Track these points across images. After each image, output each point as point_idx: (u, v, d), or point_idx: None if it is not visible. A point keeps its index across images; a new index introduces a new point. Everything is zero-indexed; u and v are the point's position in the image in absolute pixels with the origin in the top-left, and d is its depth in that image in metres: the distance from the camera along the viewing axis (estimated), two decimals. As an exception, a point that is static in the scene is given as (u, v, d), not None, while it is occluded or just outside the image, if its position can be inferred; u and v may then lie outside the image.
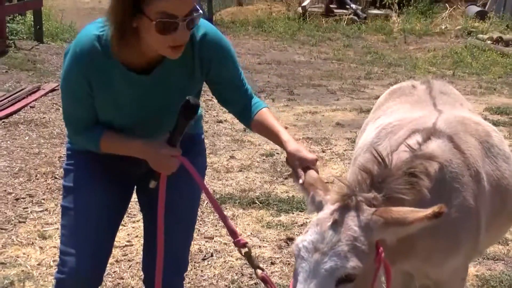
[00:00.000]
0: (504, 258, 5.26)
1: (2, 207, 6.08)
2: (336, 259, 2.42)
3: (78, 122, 2.98)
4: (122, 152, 2.98)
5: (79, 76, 2.84)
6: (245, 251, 2.94)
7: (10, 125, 8.73)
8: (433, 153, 2.87)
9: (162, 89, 2.91)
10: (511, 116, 9.74)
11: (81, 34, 2.86)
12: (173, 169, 2.93)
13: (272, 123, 2.97)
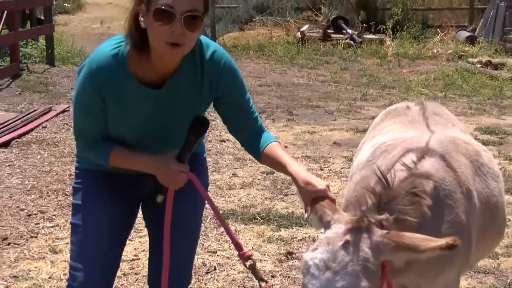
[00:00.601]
0: (495, 271, 5.24)
1: (15, 222, 6.08)
2: (349, 278, 2.41)
3: (89, 137, 2.96)
4: (131, 166, 2.97)
5: (93, 92, 2.84)
6: (250, 263, 2.93)
7: (23, 145, 8.74)
8: (429, 171, 2.87)
9: (172, 104, 2.91)
10: (500, 136, 9.74)
11: (97, 51, 2.87)
12: (181, 184, 2.93)
13: (281, 155, 2.91)
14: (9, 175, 7.50)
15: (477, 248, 3.13)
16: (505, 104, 12.42)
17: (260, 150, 2.99)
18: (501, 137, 9.69)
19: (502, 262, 5.41)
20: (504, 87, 13.92)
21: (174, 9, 2.63)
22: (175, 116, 2.92)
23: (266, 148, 2.97)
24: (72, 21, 27.43)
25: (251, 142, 3.05)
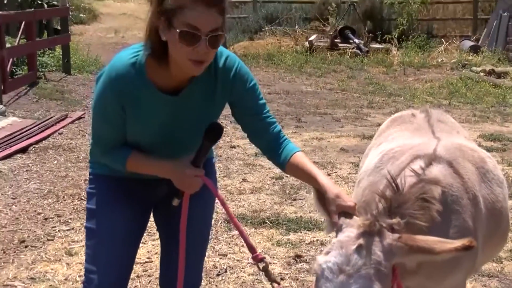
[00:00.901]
0: (498, 275, 5.22)
1: (32, 226, 6.09)
2: (362, 281, 2.41)
3: (108, 143, 2.96)
4: (148, 171, 2.97)
5: (112, 99, 2.84)
6: (263, 265, 2.92)
7: (40, 150, 8.77)
8: (437, 177, 2.87)
9: (188, 110, 2.91)
10: (503, 142, 9.71)
11: (116, 59, 2.87)
12: (196, 188, 2.93)
13: (309, 167, 2.88)
14: (26, 180, 7.52)
15: (482, 252, 3.12)
16: (508, 111, 12.38)
17: (285, 160, 2.95)
18: (504, 143, 9.67)
19: (506, 265, 5.39)
20: (507, 95, 13.89)
21: (199, 31, 2.62)
22: (191, 121, 2.92)
23: (292, 159, 2.93)
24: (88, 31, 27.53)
25: (271, 149, 3.01)
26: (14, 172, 7.79)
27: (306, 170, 2.88)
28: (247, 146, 8.85)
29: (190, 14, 2.60)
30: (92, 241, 3.13)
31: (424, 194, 2.66)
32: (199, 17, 2.61)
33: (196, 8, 2.60)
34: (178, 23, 2.61)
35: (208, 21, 2.63)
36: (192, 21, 2.61)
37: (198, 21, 2.61)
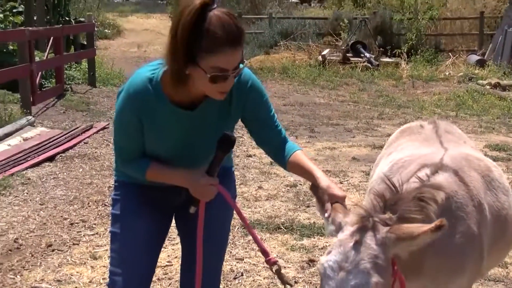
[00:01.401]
0: (504, 279, 5.19)
1: (59, 230, 6.11)
2: (361, 276, 2.41)
3: (128, 154, 2.99)
4: (166, 180, 2.98)
5: (131, 114, 2.86)
6: (276, 268, 2.92)
7: (66, 159, 8.81)
8: (440, 184, 2.86)
9: (203, 124, 2.92)
10: (509, 152, 9.67)
11: (135, 76, 2.89)
12: (211, 196, 2.93)
13: (306, 163, 2.92)
14: (53, 187, 7.55)
15: (488, 257, 3.10)
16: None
17: (285, 158, 2.99)
18: (509, 153, 9.62)
19: (511, 270, 5.36)
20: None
21: (227, 71, 2.66)
22: (205, 134, 2.93)
23: (291, 157, 2.97)
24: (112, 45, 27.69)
25: (276, 152, 3.06)
26: (42, 179, 7.83)
27: (303, 167, 2.91)
28: (263, 156, 8.84)
29: (218, 58, 2.63)
30: (116, 244, 3.14)
31: (421, 194, 2.64)
32: (227, 60, 2.65)
33: (223, 51, 2.62)
34: (207, 66, 2.64)
35: (234, 60, 2.68)
36: (221, 64, 2.64)
37: (226, 63, 2.65)
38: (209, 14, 2.61)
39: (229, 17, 2.65)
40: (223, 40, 2.61)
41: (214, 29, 2.60)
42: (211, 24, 2.60)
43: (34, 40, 12.70)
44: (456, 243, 2.84)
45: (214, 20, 2.61)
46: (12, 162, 8.40)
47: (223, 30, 2.61)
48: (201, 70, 2.64)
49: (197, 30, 2.61)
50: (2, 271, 5.20)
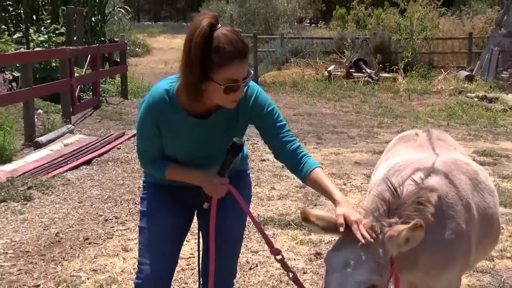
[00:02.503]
0: (491, 271, 5.15)
1: (95, 226, 6.13)
2: (365, 273, 2.43)
3: (149, 156, 3.02)
4: (182, 179, 3.01)
5: (151, 123, 2.90)
6: (279, 257, 2.92)
7: (101, 163, 8.85)
8: (434, 186, 2.85)
9: (214, 131, 2.93)
10: (494, 157, 9.61)
11: (154, 88, 2.93)
12: (222, 194, 2.96)
13: (327, 184, 2.82)
14: (90, 187, 7.58)
15: (475, 252, 3.09)
16: (498, 131, 12.25)
17: (305, 174, 2.91)
18: (495, 158, 9.56)
19: (497, 263, 5.32)
20: (497, 117, 13.76)
21: (238, 81, 2.70)
22: (216, 140, 2.94)
23: (311, 174, 2.89)
24: (142, 62, 27.81)
25: (292, 165, 2.98)
26: (80, 180, 7.86)
27: (324, 187, 2.83)
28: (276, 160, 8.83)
29: (230, 70, 2.66)
30: (144, 238, 3.16)
31: (419, 198, 2.65)
32: (237, 71, 2.68)
33: (234, 64, 2.66)
34: (220, 79, 2.67)
35: (243, 71, 2.71)
36: (232, 75, 2.67)
37: (237, 74, 2.69)
38: (216, 33, 2.66)
39: (234, 33, 2.70)
40: (232, 54, 2.65)
41: (223, 45, 2.64)
42: (220, 41, 2.64)
43: (73, 58, 12.78)
44: (447, 239, 2.83)
45: (221, 37, 2.65)
46: (54, 165, 8.45)
47: (231, 45, 2.65)
48: (216, 83, 2.67)
49: (208, 48, 2.64)
50: (45, 261, 5.23)
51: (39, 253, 5.42)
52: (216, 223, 3.02)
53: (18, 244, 5.61)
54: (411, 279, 3.06)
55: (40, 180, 7.54)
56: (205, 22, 2.64)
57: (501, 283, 4.90)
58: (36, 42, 14.76)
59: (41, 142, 9.59)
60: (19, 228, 6.02)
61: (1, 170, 7.83)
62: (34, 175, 7.78)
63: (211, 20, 2.66)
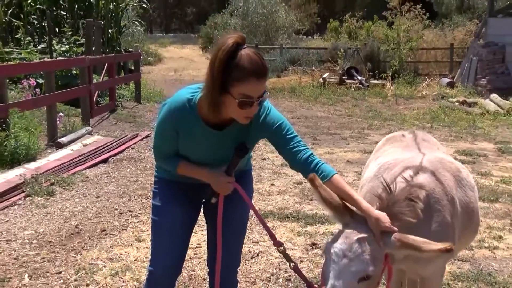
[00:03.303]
0: (470, 260, 5.15)
1: (111, 218, 6.13)
2: (361, 264, 2.43)
3: (164, 153, 3.01)
4: (192, 175, 3.00)
5: (170, 125, 2.88)
6: (281, 249, 2.91)
7: (117, 161, 8.85)
8: (422, 183, 2.84)
9: (227, 142, 2.92)
10: (474, 156, 9.60)
11: (177, 95, 2.90)
12: (228, 191, 2.95)
13: (350, 192, 2.70)
14: (107, 183, 7.58)
15: (458, 242, 3.08)
16: (477, 133, 12.23)
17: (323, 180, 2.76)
18: (474, 157, 9.55)
19: (476, 252, 5.32)
20: (476, 120, 13.74)
21: (253, 98, 2.67)
22: (227, 148, 2.93)
23: (331, 181, 2.75)
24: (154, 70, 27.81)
25: (306, 173, 2.82)
26: (98, 177, 7.86)
27: (346, 193, 2.70)
28: (275, 159, 8.84)
29: (246, 86, 2.64)
30: (156, 229, 3.15)
31: (410, 195, 2.64)
32: (253, 89, 2.66)
33: (250, 81, 2.63)
34: (236, 93, 2.65)
35: (258, 90, 2.68)
36: (248, 92, 2.65)
37: (252, 92, 2.66)
38: (240, 52, 2.64)
39: (256, 55, 2.68)
40: (250, 71, 2.62)
41: (243, 63, 2.62)
42: (241, 59, 2.63)
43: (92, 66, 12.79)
44: (434, 231, 2.83)
45: (244, 56, 2.63)
46: (74, 164, 8.45)
47: (251, 64, 2.63)
48: (232, 96, 2.66)
49: (230, 64, 2.63)
50: (66, 251, 5.23)
51: (60, 243, 5.42)
52: (223, 216, 3.02)
53: (42, 235, 5.61)
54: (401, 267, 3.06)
55: (61, 177, 7.54)
56: (230, 41, 2.64)
57: (479, 270, 4.90)
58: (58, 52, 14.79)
59: (62, 143, 9.60)
60: (42, 221, 6.03)
61: (27, 168, 7.83)
62: (56, 173, 7.78)
63: (237, 39, 2.66)
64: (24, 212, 6.29)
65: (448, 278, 4.70)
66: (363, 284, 2.45)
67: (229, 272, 3.22)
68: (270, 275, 4.76)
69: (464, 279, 4.71)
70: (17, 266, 4.87)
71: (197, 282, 4.61)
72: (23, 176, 7.34)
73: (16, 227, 5.81)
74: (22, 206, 6.51)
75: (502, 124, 13.39)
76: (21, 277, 4.67)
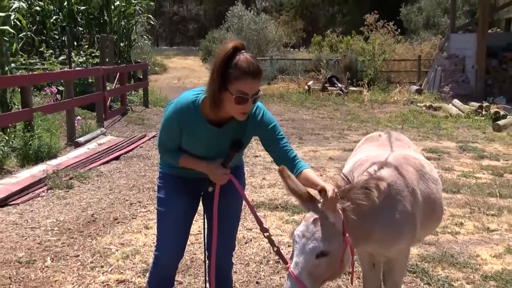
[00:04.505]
0: (435, 243, 5.18)
1: (122, 208, 6.13)
2: (315, 242, 2.46)
3: (167, 147, 3.01)
4: (192, 167, 2.99)
5: (175, 123, 2.88)
6: (267, 235, 2.93)
7: (128, 158, 8.84)
8: (383, 176, 2.85)
9: (225, 137, 2.92)
10: (438, 154, 9.65)
11: (182, 96, 2.91)
12: (224, 181, 2.95)
13: (315, 179, 2.74)
14: (118, 177, 7.57)
15: (422, 228, 3.09)
16: (441, 133, 12.28)
17: (296, 172, 2.83)
18: (439, 154, 9.60)
19: (440, 237, 5.35)
20: (441, 122, 13.78)
21: (248, 95, 2.68)
22: (225, 143, 2.94)
23: (302, 173, 2.81)
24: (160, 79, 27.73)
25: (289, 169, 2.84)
26: (111, 172, 7.85)
27: (311, 180, 2.75)
28: (266, 156, 8.85)
29: (242, 84, 2.65)
30: (161, 219, 3.15)
31: (366, 184, 2.65)
32: (248, 87, 2.67)
33: (246, 79, 2.65)
34: (234, 90, 2.66)
35: (253, 88, 2.69)
36: (244, 89, 2.66)
37: (247, 89, 2.67)
38: (239, 55, 2.67)
39: (252, 58, 2.70)
40: (247, 71, 2.64)
41: (241, 64, 2.65)
42: (239, 60, 2.65)
43: (106, 75, 12.77)
44: (396, 218, 2.84)
45: (242, 58, 2.66)
46: (90, 160, 8.44)
47: (247, 65, 2.65)
48: (229, 93, 2.67)
49: (229, 64, 2.65)
50: (83, 237, 5.22)
51: (78, 230, 5.41)
52: (218, 205, 3.02)
53: (62, 222, 5.60)
54: (368, 249, 3.07)
55: (79, 172, 7.53)
56: (230, 45, 2.67)
57: (443, 252, 4.93)
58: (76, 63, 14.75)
59: (80, 142, 9.58)
60: (62, 210, 6.02)
61: (49, 164, 7.81)
62: (75, 168, 7.77)
63: (236, 44, 2.69)
64: (47, 203, 6.28)
65: (416, 259, 4.73)
66: (322, 261, 2.47)
67: (225, 255, 3.23)
68: (262, 258, 4.77)
69: (430, 260, 4.74)
70: (41, 250, 4.86)
71: (198, 264, 4.62)
72: (46, 171, 7.33)
73: (39, 216, 5.80)
74: (45, 198, 6.50)
75: (462, 125, 13.45)
76: (44, 259, 4.67)
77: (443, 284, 4.26)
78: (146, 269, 4.37)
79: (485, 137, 11.77)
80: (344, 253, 2.55)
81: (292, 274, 2.44)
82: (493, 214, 6.07)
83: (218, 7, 59.20)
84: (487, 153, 9.73)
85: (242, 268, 4.57)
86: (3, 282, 4.21)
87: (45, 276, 4.35)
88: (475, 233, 5.50)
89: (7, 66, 9.40)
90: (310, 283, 2.44)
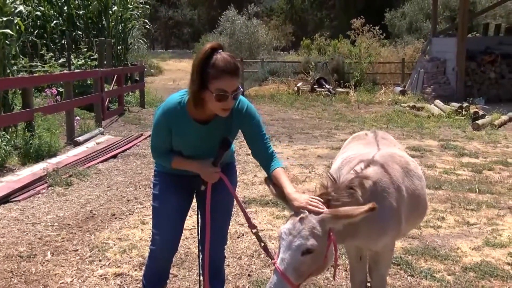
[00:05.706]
0: (418, 237, 5.19)
1: (119, 205, 6.10)
2: (301, 239, 2.45)
3: (160, 149, 3.01)
4: (185, 168, 2.99)
5: (164, 124, 2.88)
6: (255, 231, 2.93)
7: (125, 157, 8.81)
8: (368, 174, 2.85)
9: (212, 134, 2.92)
10: (421, 152, 9.68)
11: (169, 99, 2.91)
12: (215, 180, 2.96)
13: (282, 179, 2.76)
14: (116, 175, 7.54)
15: (406, 223, 3.08)
16: (424, 132, 12.32)
17: (270, 170, 2.89)
18: (422, 152, 9.62)
19: (423, 231, 5.37)
20: (423, 122, 13.81)
21: (227, 92, 2.68)
22: (213, 140, 2.93)
23: (274, 172, 2.85)
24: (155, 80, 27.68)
25: (264, 164, 2.95)
26: (109, 170, 7.82)
27: (279, 182, 2.78)
28: (257, 154, 8.83)
29: (221, 82, 2.66)
30: (156, 214, 3.15)
31: (351, 184, 2.65)
32: (227, 84, 2.67)
33: (224, 77, 2.65)
34: (213, 88, 2.67)
35: (232, 85, 2.69)
36: (223, 86, 2.66)
37: (227, 87, 2.67)
38: (216, 55, 2.67)
39: (229, 57, 2.70)
40: (224, 69, 2.65)
41: (218, 63, 2.65)
42: (217, 60, 2.66)
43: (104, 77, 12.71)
44: (382, 214, 2.83)
45: (219, 58, 2.67)
46: (89, 159, 8.40)
47: (225, 63, 2.66)
48: (210, 92, 2.67)
49: (207, 64, 2.66)
50: (82, 232, 5.19)
51: (77, 225, 5.38)
52: (211, 201, 3.01)
53: (62, 218, 5.57)
54: (355, 244, 3.06)
55: (78, 170, 7.49)
56: (208, 46, 2.69)
57: (426, 245, 4.95)
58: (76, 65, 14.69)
59: (79, 141, 9.53)
60: (62, 207, 5.98)
61: (49, 162, 7.77)
62: (74, 166, 7.73)
63: (214, 45, 2.69)
64: (47, 200, 6.25)
65: (400, 252, 4.74)
66: (307, 258, 2.46)
67: (217, 248, 3.22)
68: (253, 252, 4.77)
69: (413, 253, 4.76)
70: (41, 245, 4.83)
71: (192, 258, 4.61)
72: (46, 169, 7.29)
73: (40, 212, 5.76)
74: (45, 195, 6.47)
75: (444, 125, 13.50)
76: (45, 254, 4.64)
77: (426, 275, 4.27)
78: (143, 262, 4.35)
79: (465, 136, 11.82)
80: (328, 250, 2.55)
81: (278, 269, 2.44)
82: (473, 209, 6.10)
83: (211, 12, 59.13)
84: (467, 151, 9.78)
85: (234, 262, 4.57)
86: (5, 276, 4.18)
87: (46, 269, 4.32)
88: (456, 227, 5.52)
89: (9, 68, 9.35)
90: (295, 278, 2.45)
